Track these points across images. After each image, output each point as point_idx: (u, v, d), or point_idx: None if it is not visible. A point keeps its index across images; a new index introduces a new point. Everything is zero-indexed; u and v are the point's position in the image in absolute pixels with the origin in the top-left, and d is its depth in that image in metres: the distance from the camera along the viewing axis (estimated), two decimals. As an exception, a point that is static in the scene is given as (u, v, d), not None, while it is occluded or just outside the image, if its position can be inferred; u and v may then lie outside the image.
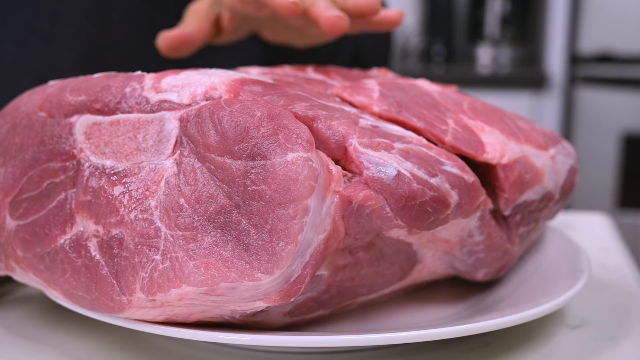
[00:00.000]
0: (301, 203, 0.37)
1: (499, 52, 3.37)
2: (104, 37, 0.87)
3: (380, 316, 0.49)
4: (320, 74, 0.55)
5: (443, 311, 0.50)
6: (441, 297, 0.53)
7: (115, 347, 0.47)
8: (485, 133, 0.47)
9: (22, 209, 0.45)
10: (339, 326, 0.48)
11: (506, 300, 0.49)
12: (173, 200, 0.40)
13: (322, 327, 0.47)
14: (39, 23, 0.90)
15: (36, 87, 0.50)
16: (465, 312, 0.49)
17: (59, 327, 0.50)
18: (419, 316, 0.49)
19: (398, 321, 0.49)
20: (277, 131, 0.39)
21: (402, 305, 0.51)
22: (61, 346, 0.47)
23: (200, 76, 0.43)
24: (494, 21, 3.37)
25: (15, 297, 0.55)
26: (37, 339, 0.48)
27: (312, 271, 0.39)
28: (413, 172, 0.41)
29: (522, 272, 0.54)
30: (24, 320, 0.51)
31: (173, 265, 0.39)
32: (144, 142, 0.42)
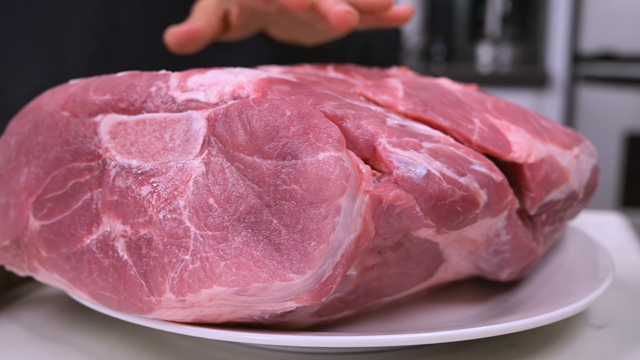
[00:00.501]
0: (333, 203, 0.37)
1: (500, 51, 3.38)
2: (114, 37, 0.87)
3: (404, 316, 0.50)
4: (341, 73, 0.55)
5: (467, 311, 0.50)
6: (464, 297, 0.53)
7: (138, 347, 0.47)
8: (511, 132, 0.47)
9: (46, 209, 0.45)
10: (364, 327, 0.48)
11: (531, 300, 0.49)
12: (202, 200, 0.40)
13: (347, 328, 0.47)
14: (49, 23, 0.90)
15: (57, 87, 0.50)
16: (490, 313, 0.49)
17: (80, 328, 0.50)
18: (443, 316, 0.50)
19: (422, 321, 0.49)
20: (307, 130, 0.39)
21: (425, 305, 0.52)
22: (83, 346, 0.47)
23: (226, 75, 0.43)
24: (494, 20, 3.37)
25: (34, 298, 0.55)
26: (59, 339, 0.48)
27: (343, 271, 0.39)
28: (442, 172, 0.41)
29: (545, 271, 0.54)
30: (45, 321, 0.51)
31: (203, 265, 0.39)
32: (170, 141, 0.42)
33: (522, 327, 0.42)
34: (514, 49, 3.38)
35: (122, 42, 0.87)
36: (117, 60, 0.88)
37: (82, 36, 0.88)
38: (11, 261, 0.48)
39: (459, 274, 0.51)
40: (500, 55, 3.39)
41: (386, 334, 0.40)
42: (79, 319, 0.51)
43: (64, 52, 0.90)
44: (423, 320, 0.49)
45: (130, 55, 0.87)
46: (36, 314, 0.52)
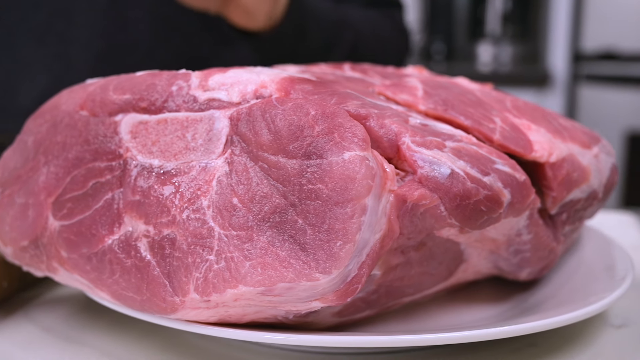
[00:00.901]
0: (359, 202, 0.37)
1: (500, 49, 3.38)
2: (121, 37, 0.87)
3: (423, 316, 0.50)
4: (357, 72, 0.55)
5: (486, 311, 0.50)
6: (482, 297, 0.53)
7: (157, 347, 0.47)
8: (532, 131, 0.47)
9: (66, 209, 0.45)
10: (384, 327, 0.48)
11: (551, 300, 0.49)
12: (226, 200, 0.40)
13: (367, 328, 0.47)
14: (55, 22, 0.90)
15: (74, 86, 0.50)
16: (510, 312, 0.49)
17: (98, 328, 0.50)
18: (462, 316, 0.50)
19: (442, 321, 0.49)
20: (332, 130, 0.39)
21: (443, 305, 0.52)
22: (103, 347, 0.47)
23: (248, 74, 0.43)
24: (494, 19, 3.37)
25: (49, 299, 0.55)
26: (78, 340, 0.48)
27: (368, 271, 0.39)
28: (466, 171, 0.41)
29: (563, 271, 0.54)
30: (61, 322, 0.51)
31: (228, 265, 0.39)
32: (193, 141, 0.42)
33: (543, 327, 0.42)
34: (514, 48, 3.39)
35: (128, 42, 0.87)
36: (123, 61, 0.88)
37: (87, 36, 0.88)
38: (29, 262, 0.48)
39: (478, 274, 0.51)
40: (500, 54, 3.39)
41: (409, 334, 0.41)
42: (96, 319, 0.51)
43: (69, 51, 0.90)
44: (442, 320, 0.49)
45: (136, 55, 0.88)
46: (53, 314, 0.52)
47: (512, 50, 3.39)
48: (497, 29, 3.36)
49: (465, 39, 3.42)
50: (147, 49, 0.87)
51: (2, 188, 0.49)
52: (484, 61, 3.35)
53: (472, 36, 3.41)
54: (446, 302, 0.52)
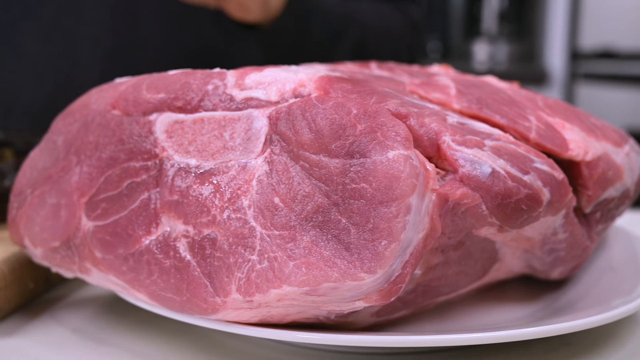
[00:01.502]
0: (404, 201, 0.38)
1: (496, 48, 3.38)
2: (131, 34, 0.87)
3: (455, 316, 0.50)
4: (385, 71, 0.55)
5: (517, 311, 0.51)
6: (511, 296, 0.53)
7: (189, 348, 0.47)
8: (566, 130, 0.48)
9: (100, 209, 0.45)
10: (418, 327, 0.48)
11: (583, 300, 0.49)
12: (267, 200, 0.40)
13: (401, 328, 0.48)
14: (63, 19, 0.90)
15: (104, 85, 0.50)
16: (542, 312, 0.50)
17: (128, 329, 0.50)
18: (494, 316, 0.50)
19: (474, 321, 0.49)
20: (375, 129, 0.39)
21: (474, 305, 0.52)
22: (134, 348, 0.47)
23: (285, 73, 0.43)
24: (491, 17, 3.38)
25: (75, 300, 0.55)
26: (108, 342, 0.48)
27: (411, 270, 0.39)
28: (507, 170, 0.41)
29: (592, 270, 0.55)
30: (90, 323, 0.51)
31: (272, 265, 0.39)
32: (231, 140, 0.42)
33: (579, 327, 0.43)
34: (510, 46, 3.39)
35: (139, 39, 0.87)
36: (133, 58, 0.88)
37: (97, 33, 0.88)
38: (60, 262, 0.48)
39: (510, 273, 0.51)
40: (496, 52, 3.39)
41: (448, 334, 0.41)
42: (124, 320, 0.51)
43: (77, 49, 0.90)
44: (475, 320, 0.49)
45: (147, 53, 0.87)
46: (80, 315, 0.52)
47: (508, 49, 3.40)
48: (494, 27, 3.37)
49: (461, 37, 3.42)
50: (158, 47, 0.87)
51: (32, 188, 0.49)
52: (479, 60, 3.36)
53: (468, 34, 3.42)
54: (476, 301, 0.52)
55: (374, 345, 0.40)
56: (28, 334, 0.49)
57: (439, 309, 0.51)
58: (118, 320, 0.51)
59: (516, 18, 3.40)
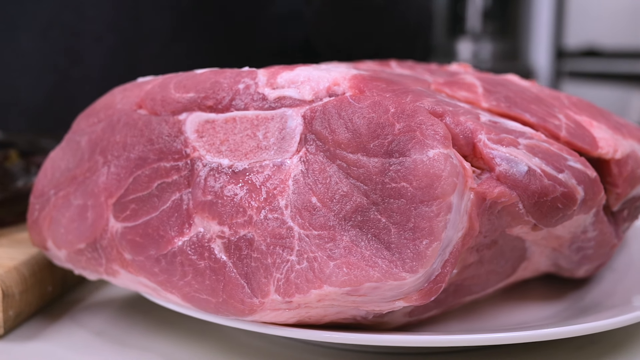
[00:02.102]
0: (445, 200, 0.38)
1: (480, 46, 3.40)
2: (135, 30, 0.87)
3: (482, 316, 0.50)
4: (406, 69, 0.55)
5: (542, 310, 0.51)
6: (535, 295, 0.54)
7: (218, 348, 0.47)
8: (595, 128, 0.48)
9: (129, 210, 0.45)
10: (446, 326, 0.48)
11: (611, 298, 0.50)
12: (304, 199, 0.40)
13: (430, 327, 0.48)
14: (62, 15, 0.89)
15: (127, 84, 0.49)
16: (569, 311, 0.50)
17: (152, 331, 0.50)
18: (520, 315, 0.50)
19: (501, 320, 0.50)
20: (414, 128, 0.39)
21: (498, 304, 0.52)
22: (162, 350, 0.47)
23: (318, 72, 0.43)
24: (475, 15, 3.40)
25: (94, 302, 0.55)
26: (132, 344, 0.48)
27: (451, 269, 0.39)
28: (542, 168, 0.42)
29: (614, 268, 0.55)
30: (112, 326, 0.51)
31: (311, 265, 0.39)
32: (264, 139, 0.42)
33: (609, 326, 0.43)
34: (494, 45, 3.41)
35: (143, 36, 0.87)
36: (137, 56, 0.87)
37: (99, 30, 0.88)
38: (85, 265, 0.47)
39: (535, 272, 0.52)
40: (480, 51, 3.41)
41: (481, 333, 0.41)
42: (147, 322, 0.51)
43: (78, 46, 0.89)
44: (500, 320, 0.50)
45: (151, 49, 0.87)
46: (101, 318, 0.52)
47: (492, 47, 3.42)
48: (478, 25, 3.39)
49: (445, 35, 3.44)
50: (163, 43, 0.87)
51: (55, 189, 0.48)
52: (463, 58, 3.38)
53: (451, 33, 3.43)
54: (500, 301, 0.53)
55: (416, 345, 0.40)
56: (50, 338, 0.49)
57: (464, 309, 0.51)
58: (140, 323, 0.51)
59: (500, 16, 3.42)
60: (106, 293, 0.57)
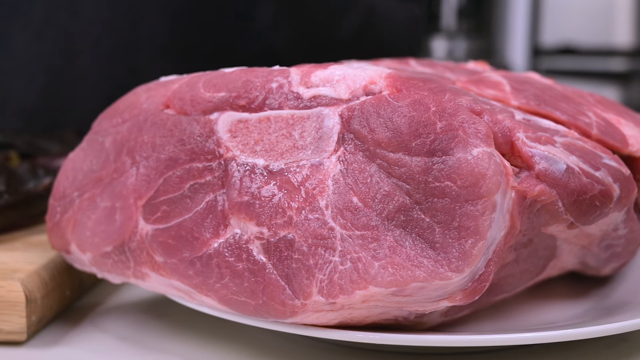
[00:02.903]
0: (490, 199, 0.38)
1: (454, 44, 3.42)
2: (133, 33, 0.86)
3: (510, 315, 0.50)
4: (426, 67, 0.56)
5: (570, 308, 0.52)
6: (558, 294, 0.54)
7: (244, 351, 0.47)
8: (623, 126, 0.49)
9: (160, 212, 0.44)
10: (478, 326, 0.48)
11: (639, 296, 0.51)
12: (345, 200, 0.40)
13: (462, 327, 0.48)
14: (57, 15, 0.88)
15: (150, 83, 0.49)
16: (597, 309, 0.50)
17: (176, 335, 0.49)
18: (548, 314, 0.51)
19: (529, 320, 0.50)
20: (456, 126, 0.39)
21: (524, 303, 0.53)
22: (190, 355, 0.46)
23: (353, 70, 0.43)
24: (450, 13, 3.41)
25: (111, 306, 0.55)
26: (161, 348, 0.48)
27: (494, 268, 0.40)
28: (580, 166, 0.42)
29: (635, 266, 0.56)
30: (136, 330, 0.50)
31: (356, 266, 0.39)
32: (301, 139, 0.42)
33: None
34: (468, 43, 3.43)
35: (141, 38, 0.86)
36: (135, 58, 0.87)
37: (96, 31, 0.87)
38: (110, 268, 0.47)
39: (561, 270, 0.52)
40: (454, 49, 3.43)
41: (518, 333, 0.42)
42: (171, 326, 0.51)
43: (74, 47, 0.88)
44: (529, 319, 0.50)
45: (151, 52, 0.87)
46: (122, 322, 0.51)
47: (467, 45, 3.44)
48: (452, 23, 3.41)
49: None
50: (162, 45, 0.86)
51: (79, 191, 0.48)
52: (438, 56, 3.39)
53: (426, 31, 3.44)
54: (526, 300, 0.53)
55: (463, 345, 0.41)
56: (74, 343, 0.48)
57: (492, 308, 0.51)
58: (164, 326, 0.51)
59: (475, 14, 3.44)
60: (122, 297, 0.56)
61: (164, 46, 0.86)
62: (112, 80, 0.87)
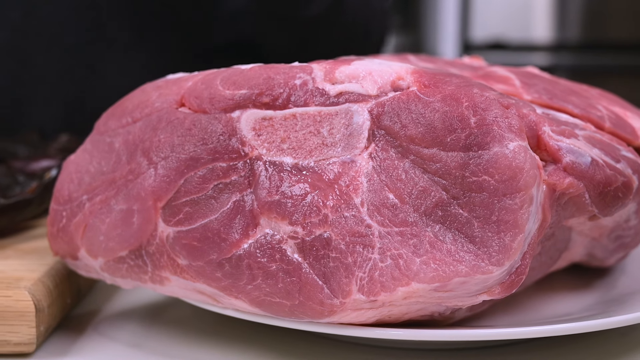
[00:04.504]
0: (527, 192, 0.39)
1: (383, 40, 3.45)
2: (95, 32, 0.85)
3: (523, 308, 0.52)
4: (427, 63, 0.57)
5: (579, 299, 0.53)
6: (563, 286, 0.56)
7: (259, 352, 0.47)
8: (630, 118, 0.51)
9: (182, 213, 0.44)
10: (495, 319, 0.50)
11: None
12: (381, 196, 0.41)
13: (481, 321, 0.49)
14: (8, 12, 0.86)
15: (157, 81, 0.49)
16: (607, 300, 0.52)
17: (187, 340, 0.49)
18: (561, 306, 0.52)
19: (544, 312, 0.52)
20: (490, 121, 0.40)
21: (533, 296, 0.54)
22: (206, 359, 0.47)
23: (378, 66, 0.44)
24: (377, 9, 3.44)
25: (112, 313, 0.54)
26: (175, 354, 0.47)
27: (529, 260, 0.41)
28: (602, 158, 0.44)
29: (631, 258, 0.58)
30: (145, 337, 0.50)
31: (397, 262, 0.40)
32: (330, 136, 0.43)
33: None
34: (397, 39, 3.47)
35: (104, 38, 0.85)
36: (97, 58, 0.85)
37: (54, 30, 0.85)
38: (125, 273, 0.47)
39: (569, 262, 0.54)
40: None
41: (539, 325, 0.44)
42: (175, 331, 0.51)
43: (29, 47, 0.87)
44: (543, 311, 0.52)
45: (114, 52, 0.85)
46: (130, 329, 0.51)
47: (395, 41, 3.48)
48: (381, 19, 3.43)
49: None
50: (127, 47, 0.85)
51: (89, 194, 0.47)
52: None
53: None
54: (534, 293, 0.55)
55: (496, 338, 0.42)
56: (85, 353, 0.48)
57: (504, 302, 0.53)
58: (173, 332, 0.51)
59: (402, 10, 3.49)
60: (121, 303, 0.56)
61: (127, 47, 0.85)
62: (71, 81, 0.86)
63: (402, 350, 0.48)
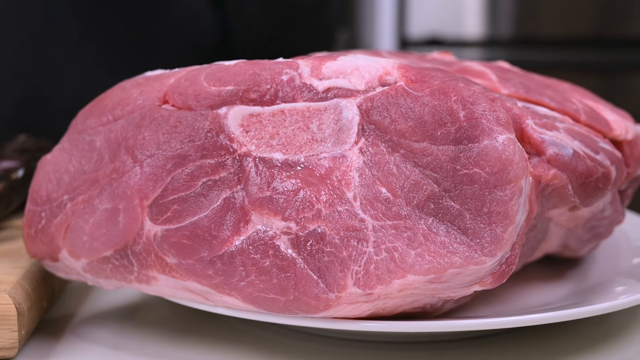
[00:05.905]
0: (517, 184, 0.41)
1: (318, 37, 3.47)
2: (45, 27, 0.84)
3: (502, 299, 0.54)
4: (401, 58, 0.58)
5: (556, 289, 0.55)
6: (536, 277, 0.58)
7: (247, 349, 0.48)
8: (602, 111, 0.53)
9: (170, 211, 0.45)
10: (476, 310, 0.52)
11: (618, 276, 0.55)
12: (373, 190, 0.42)
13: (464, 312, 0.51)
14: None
15: (136, 77, 0.49)
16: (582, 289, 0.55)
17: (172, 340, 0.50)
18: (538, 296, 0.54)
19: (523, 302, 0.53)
20: (478, 114, 0.42)
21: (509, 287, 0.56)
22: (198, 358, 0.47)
23: (364, 61, 0.45)
24: (312, 4, 3.46)
25: (88, 315, 0.54)
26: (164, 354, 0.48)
27: (519, 250, 0.43)
28: (583, 150, 0.46)
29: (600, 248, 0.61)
30: (126, 338, 0.50)
31: (391, 255, 0.41)
32: (319, 131, 0.44)
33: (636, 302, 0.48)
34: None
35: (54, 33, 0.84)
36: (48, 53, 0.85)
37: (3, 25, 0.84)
38: (109, 274, 0.47)
39: (544, 253, 0.56)
40: (318, 41, 3.48)
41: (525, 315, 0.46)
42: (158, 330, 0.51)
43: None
44: (521, 302, 0.54)
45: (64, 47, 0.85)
46: (109, 331, 0.51)
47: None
48: (315, 15, 3.45)
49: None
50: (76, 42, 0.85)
51: (70, 194, 0.47)
52: (300, 49, 3.43)
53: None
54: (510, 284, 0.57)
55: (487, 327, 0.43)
56: (66, 356, 0.48)
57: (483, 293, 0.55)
58: (153, 332, 0.51)
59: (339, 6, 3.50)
60: (95, 305, 0.56)
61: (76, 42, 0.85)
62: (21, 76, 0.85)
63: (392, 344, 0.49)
